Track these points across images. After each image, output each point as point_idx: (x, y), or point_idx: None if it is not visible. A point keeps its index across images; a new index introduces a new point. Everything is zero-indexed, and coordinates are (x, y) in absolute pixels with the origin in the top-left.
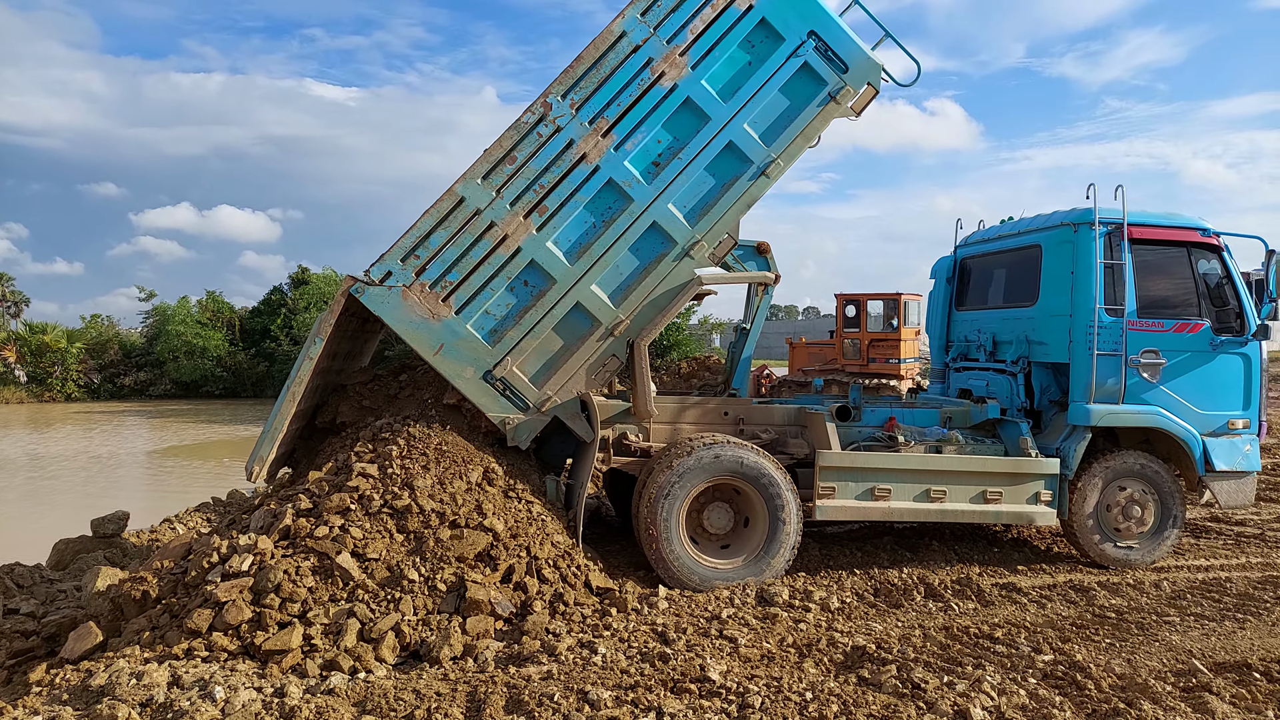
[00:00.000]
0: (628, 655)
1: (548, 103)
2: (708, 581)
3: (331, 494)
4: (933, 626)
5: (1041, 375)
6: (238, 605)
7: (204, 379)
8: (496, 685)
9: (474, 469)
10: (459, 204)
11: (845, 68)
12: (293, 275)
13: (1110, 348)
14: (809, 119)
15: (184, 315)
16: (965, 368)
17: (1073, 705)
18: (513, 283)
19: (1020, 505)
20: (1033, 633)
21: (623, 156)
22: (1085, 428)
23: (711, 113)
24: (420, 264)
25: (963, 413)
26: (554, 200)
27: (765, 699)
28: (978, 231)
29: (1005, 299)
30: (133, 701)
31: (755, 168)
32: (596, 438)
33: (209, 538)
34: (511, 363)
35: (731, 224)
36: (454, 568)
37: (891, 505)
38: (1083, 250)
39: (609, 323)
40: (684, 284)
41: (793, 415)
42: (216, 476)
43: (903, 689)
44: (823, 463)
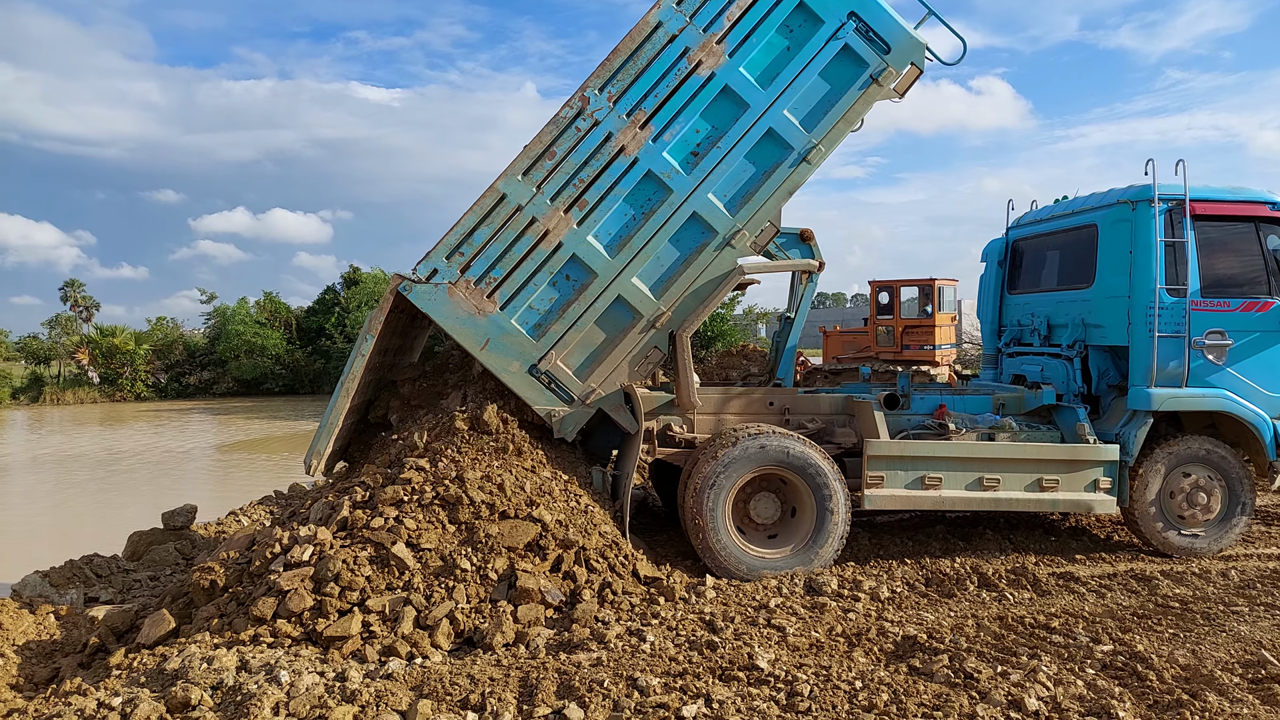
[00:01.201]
0: (676, 643)
1: (585, 96)
2: (755, 571)
3: (385, 486)
4: (986, 616)
5: (1099, 359)
6: (300, 593)
7: (264, 376)
8: (548, 671)
9: (523, 461)
10: (500, 200)
11: (887, 48)
12: (345, 275)
13: (1172, 329)
14: (850, 102)
15: (243, 315)
16: (1019, 353)
17: (1133, 696)
18: (555, 277)
19: (1078, 493)
20: (1091, 623)
21: (661, 147)
22: (1146, 413)
23: (750, 100)
24: (465, 261)
25: (1016, 399)
26: (594, 194)
27: (814, 687)
28: (1030, 212)
29: (1060, 281)
30: (204, 685)
31: (796, 154)
32: (640, 429)
33: (271, 529)
34: (555, 356)
35: (773, 212)
36: (505, 557)
37: (942, 494)
38: (1141, 229)
39: (650, 315)
40: (726, 274)
41: (840, 404)
42: (279, 470)
43: (955, 678)
44: (870, 451)
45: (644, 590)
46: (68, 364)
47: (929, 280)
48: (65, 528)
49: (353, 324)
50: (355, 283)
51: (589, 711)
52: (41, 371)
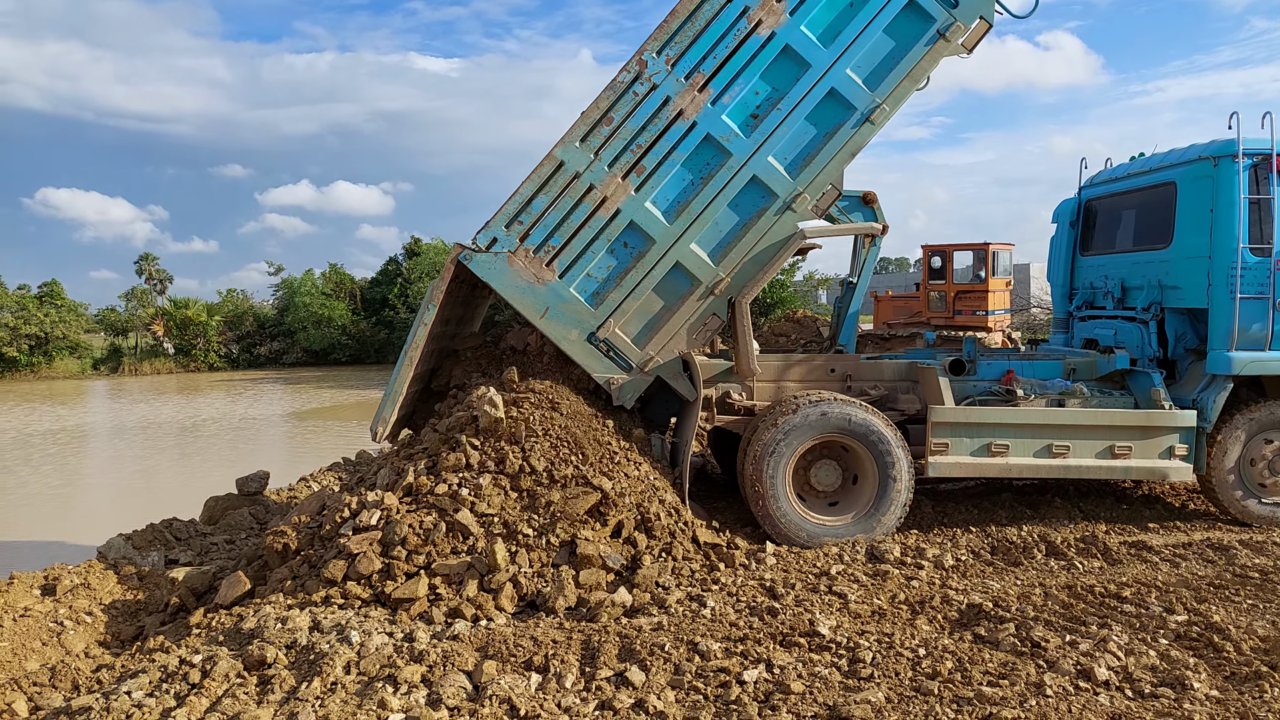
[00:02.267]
0: (736, 609)
1: (643, 60)
2: (815, 538)
3: (448, 454)
4: (1054, 585)
5: (1176, 322)
6: (368, 556)
7: (331, 347)
8: (609, 635)
9: (583, 427)
10: (558, 168)
11: (955, 2)
12: (406, 246)
13: (1255, 290)
14: (916, 59)
15: (309, 287)
16: (1090, 316)
17: (1209, 668)
18: (613, 245)
19: (1152, 460)
20: (1165, 592)
21: (720, 110)
22: (1226, 377)
23: (812, 59)
24: (524, 229)
25: (1088, 364)
26: (651, 159)
27: (877, 654)
28: (1104, 171)
29: (1135, 242)
30: (279, 644)
31: (859, 114)
32: (699, 396)
33: (340, 494)
34: (614, 324)
35: (835, 174)
36: (566, 523)
37: (1010, 461)
38: (1224, 186)
39: (709, 281)
40: (786, 238)
41: (903, 370)
42: (348, 437)
43: (1021, 647)
44: (935, 418)
45: (704, 557)
46: (144, 336)
47: (983, 245)
48: (147, 492)
49: (415, 294)
50: (416, 254)
51: (650, 674)
52: (120, 343)
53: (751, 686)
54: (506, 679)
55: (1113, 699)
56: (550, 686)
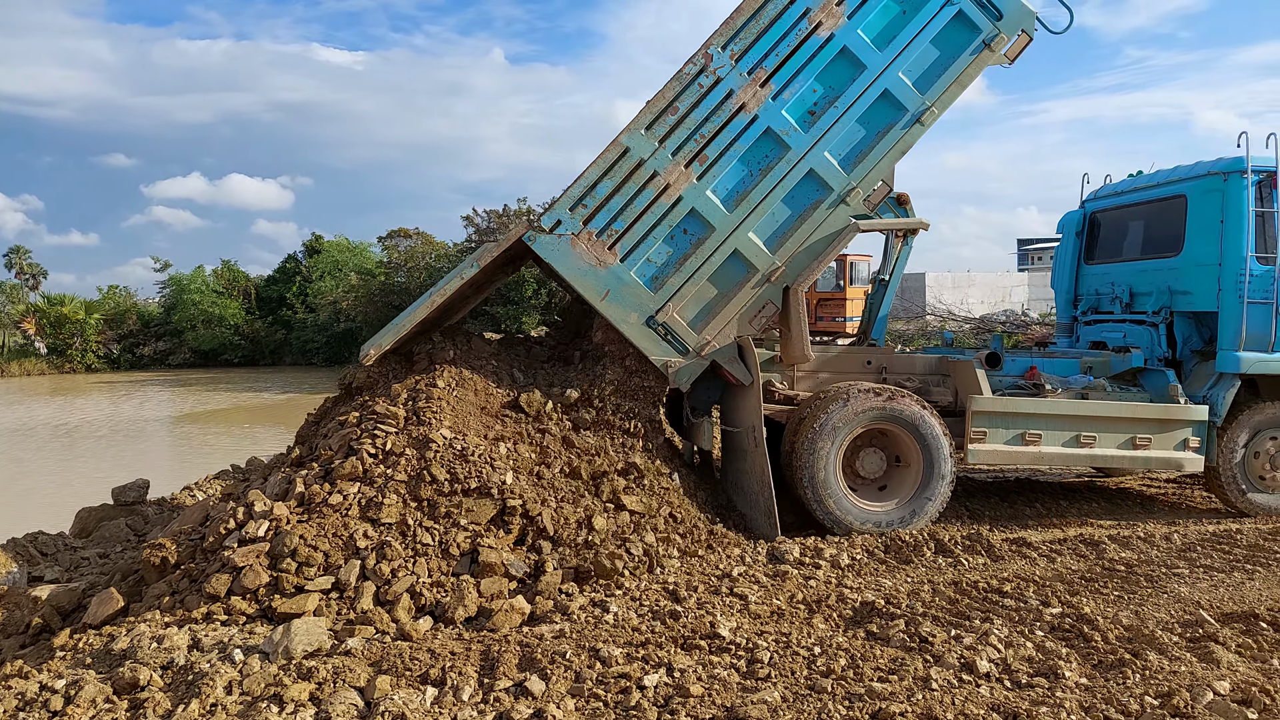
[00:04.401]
0: (639, 614)
1: (708, 54)
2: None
3: (344, 462)
4: (942, 582)
5: (1183, 325)
6: (255, 570)
7: (222, 347)
8: (510, 644)
9: (491, 434)
10: (624, 154)
11: (999, 15)
12: (307, 243)
13: (1261, 296)
14: (964, 66)
15: (200, 284)
16: (1096, 320)
17: (1079, 657)
18: (673, 231)
19: (1169, 451)
20: (1041, 586)
21: (780, 106)
22: (1234, 375)
23: (867, 61)
24: (588, 213)
25: (1103, 363)
26: (714, 149)
27: (774, 654)
28: (1106, 186)
29: (1144, 250)
30: (154, 664)
31: (910, 115)
32: (757, 381)
33: (226, 504)
34: (672, 308)
35: (886, 171)
36: (468, 532)
37: (1042, 450)
38: (1233, 199)
39: (765, 269)
40: (839, 230)
41: (934, 364)
42: (237, 443)
43: (910, 643)
44: (975, 407)
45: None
46: (12, 334)
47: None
48: (12, 503)
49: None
50: (318, 251)
51: (550, 684)
52: None
53: (652, 691)
54: (400, 694)
55: (993, 690)
56: (446, 700)
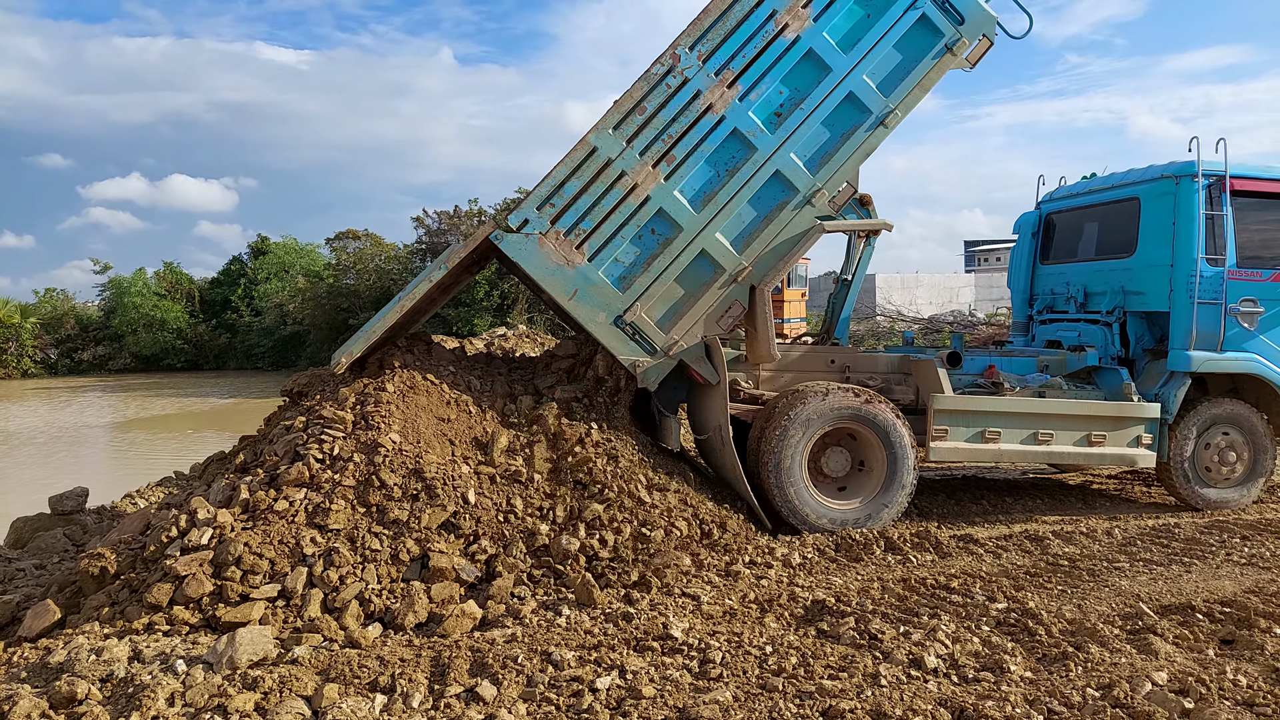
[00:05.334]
0: (592, 616)
1: (676, 54)
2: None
3: (290, 467)
4: (891, 579)
5: (1136, 325)
6: (198, 579)
7: (164, 352)
8: (461, 650)
9: (440, 439)
10: (591, 154)
11: (961, 19)
12: (252, 245)
13: (1210, 296)
14: (926, 70)
15: (141, 287)
16: (1052, 319)
17: (1024, 650)
18: (641, 231)
19: (1122, 448)
20: (988, 582)
21: (747, 107)
22: (1185, 374)
23: (832, 64)
24: (555, 212)
25: (1059, 361)
26: (681, 149)
27: (726, 654)
28: (1061, 188)
29: (1098, 251)
30: (92, 677)
31: (874, 118)
32: (724, 380)
33: (167, 511)
34: (640, 308)
35: (851, 173)
36: (418, 537)
37: (1001, 447)
38: (1184, 202)
39: (732, 269)
40: (805, 231)
41: (896, 363)
42: (180, 449)
43: (860, 640)
44: (937, 405)
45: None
46: None
47: None
48: None
49: (261, 295)
50: (263, 253)
51: (502, 688)
52: None
53: (604, 694)
54: (349, 702)
55: (940, 685)
56: (396, 707)
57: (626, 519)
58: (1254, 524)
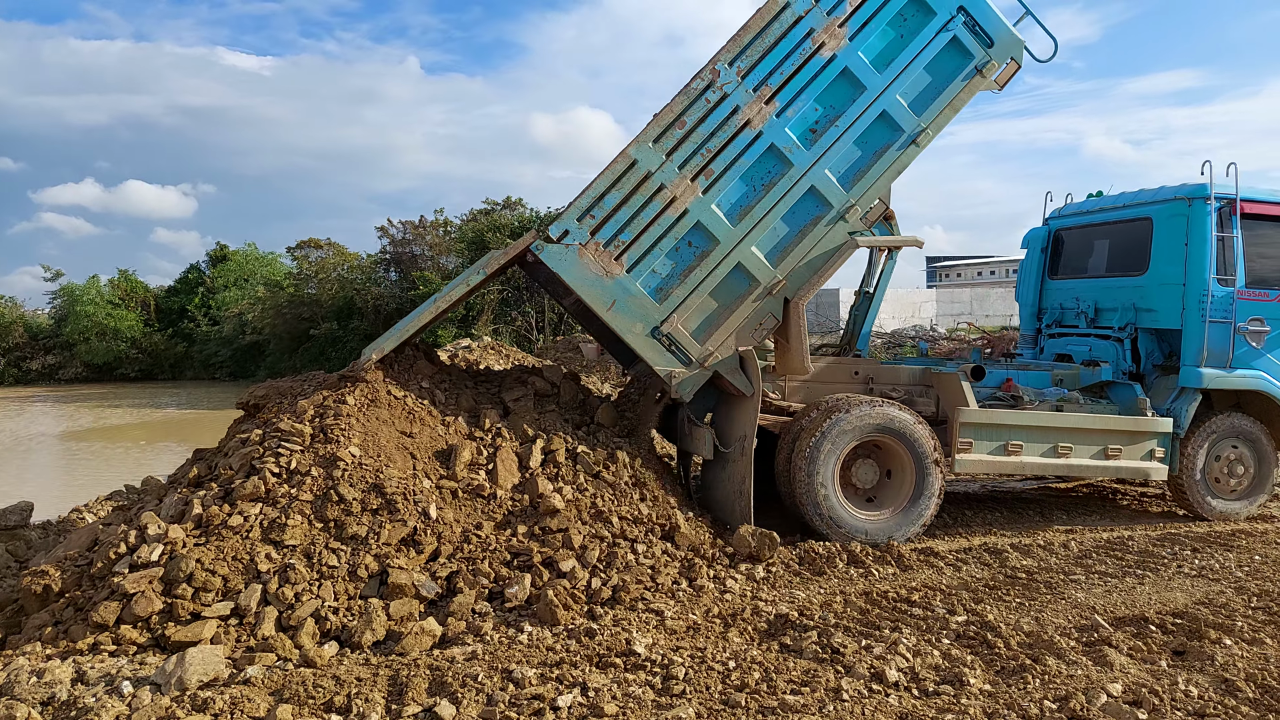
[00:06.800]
0: (554, 632)
1: (715, 70)
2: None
3: (247, 480)
4: (854, 592)
5: (1146, 341)
6: (147, 596)
7: (118, 361)
8: (419, 668)
9: (401, 453)
10: (631, 166)
11: (990, 42)
12: (211, 252)
13: (1221, 316)
14: (956, 91)
15: (94, 295)
16: (1061, 334)
17: (983, 663)
18: (678, 243)
19: (1137, 461)
20: (948, 595)
21: (784, 123)
22: (1196, 390)
23: (867, 82)
24: (595, 223)
25: (1072, 375)
26: (719, 164)
27: (689, 669)
28: (1069, 205)
29: (1109, 268)
30: (33, 700)
31: (906, 136)
32: (758, 392)
33: (116, 527)
34: (676, 319)
35: (883, 190)
36: (377, 552)
37: (1024, 460)
38: (1196, 223)
39: (767, 282)
40: (838, 246)
41: (918, 375)
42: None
43: (823, 654)
44: (962, 419)
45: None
46: None
47: None
48: None
49: (219, 304)
50: (223, 260)
51: (461, 707)
52: None
53: (565, 711)
54: None
55: (901, 699)
56: None
57: (593, 535)
58: (1203, 536)
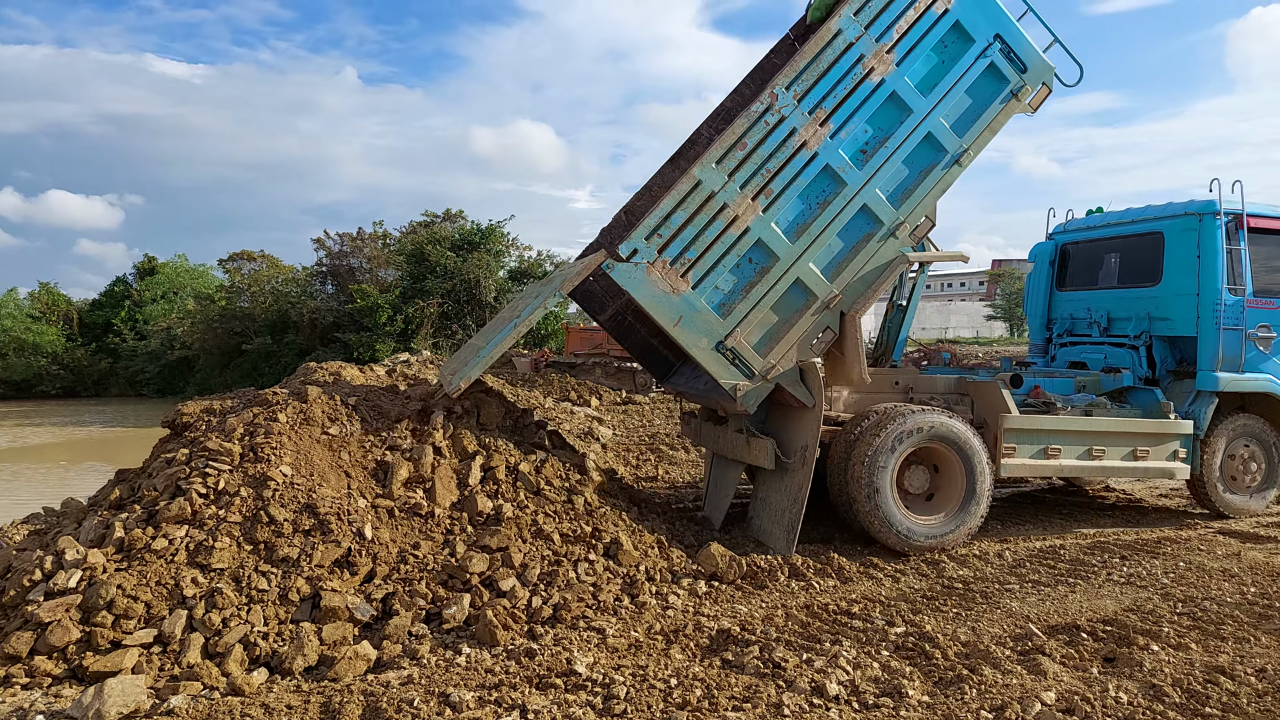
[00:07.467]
0: (493, 654)
1: (774, 93)
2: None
3: (172, 502)
4: (795, 605)
5: (1161, 348)
6: (64, 625)
7: (37, 378)
8: (353, 694)
9: (335, 472)
10: (696, 186)
11: (1024, 68)
12: (138, 265)
13: (1233, 323)
14: (994, 113)
15: (11, 309)
16: (1073, 343)
17: (921, 674)
18: (740, 260)
19: (1163, 462)
20: (887, 606)
21: (837, 144)
22: (1212, 393)
23: (913, 106)
24: (663, 242)
25: (1094, 381)
26: (778, 183)
27: (631, 688)
28: (1074, 220)
29: (1121, 280)
30: None
31: (950, 156)
32: (819, 403)
33: (31, 552)
34: (740, 334)
35: (930, 207)
36: (309, 574)
37: (1062, 463)
38: (1207, 237)
39: (824, 297)
40: (890, 261)
41: (952, 384)
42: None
43: (764, 669)
44: (1006, 425)
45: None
46: None
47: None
48: None
49: (146, 317)
50: (151, 273)
51: None
52: None
53: None
54: None
55: (841, 713)
56: None
57: (534, 553)
58: (1131, 544)
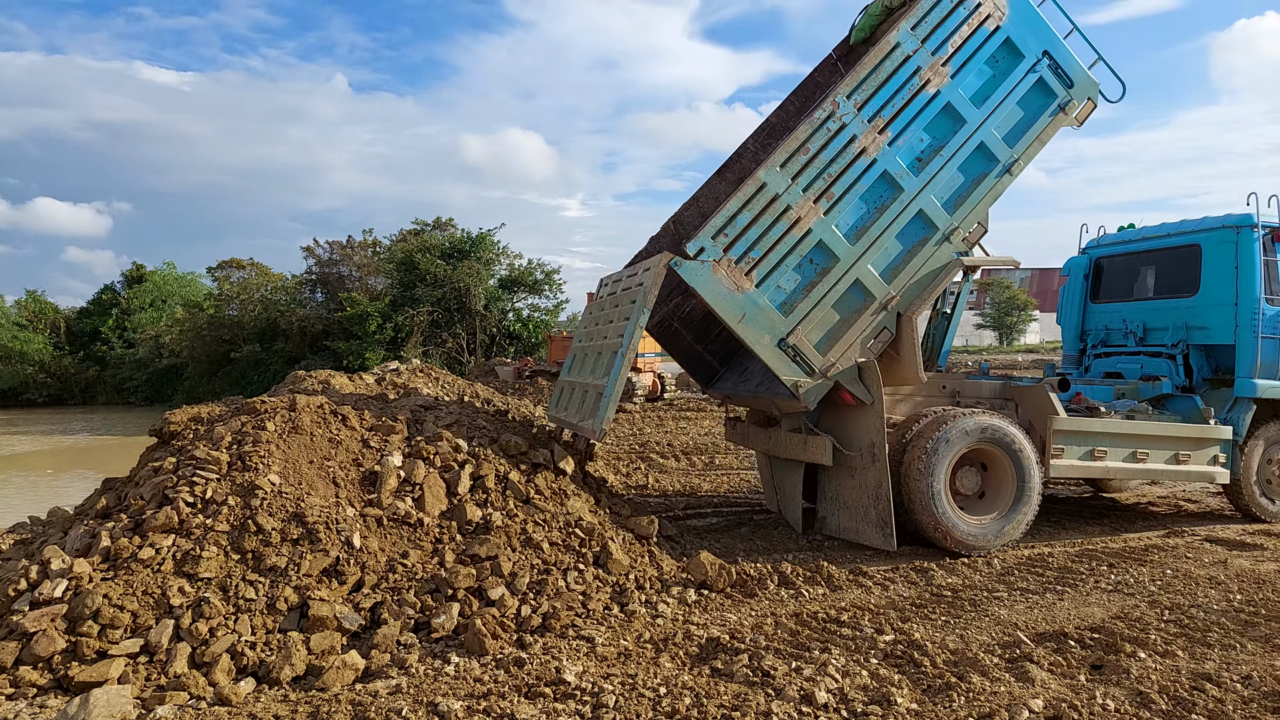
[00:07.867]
0: (482, 663)
1: (835, 102)
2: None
3: (159, 511)
4: (784, 614)
5: (1197, 356)
6: (50, 635)
7: (24, 385)
8: (341, 704)
9: (324, 481)
10: (760, 189)
11: (1071, 83)
12: (127, 272)
13: (1270, 331)
14: (1043, 126)
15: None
16: (1108, 353)
17: (910, 682)
18: (802, 260)
19: (1204, 466)
20: (876, 614)
21: (895, 151)
22: (1250, 400)
23: (966, 116)
24: (728, 241)
25: (1133, 389)
26: (839, 187)
27: (619, 697)
28: (1107, 235)
29: (1157, 291)
30: None
31: (1001, 166)
32: (879, 400)
33: (16, 562)
34: (801, 332)
35: (982, 214)
36: (297, 583)
37: (1108, 465)
38: (1245, 249)
39: (882, 298)
40: (944, 265)
41: (997, 389)
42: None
43: (753, 677)
44: (1055, 427)
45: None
46: None
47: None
48: None
49: (134, 325)
50: (139, 281)
51: None
52: None
53: None
54: None
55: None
56: None
57: (523, 563)
58: (1119, 552)
